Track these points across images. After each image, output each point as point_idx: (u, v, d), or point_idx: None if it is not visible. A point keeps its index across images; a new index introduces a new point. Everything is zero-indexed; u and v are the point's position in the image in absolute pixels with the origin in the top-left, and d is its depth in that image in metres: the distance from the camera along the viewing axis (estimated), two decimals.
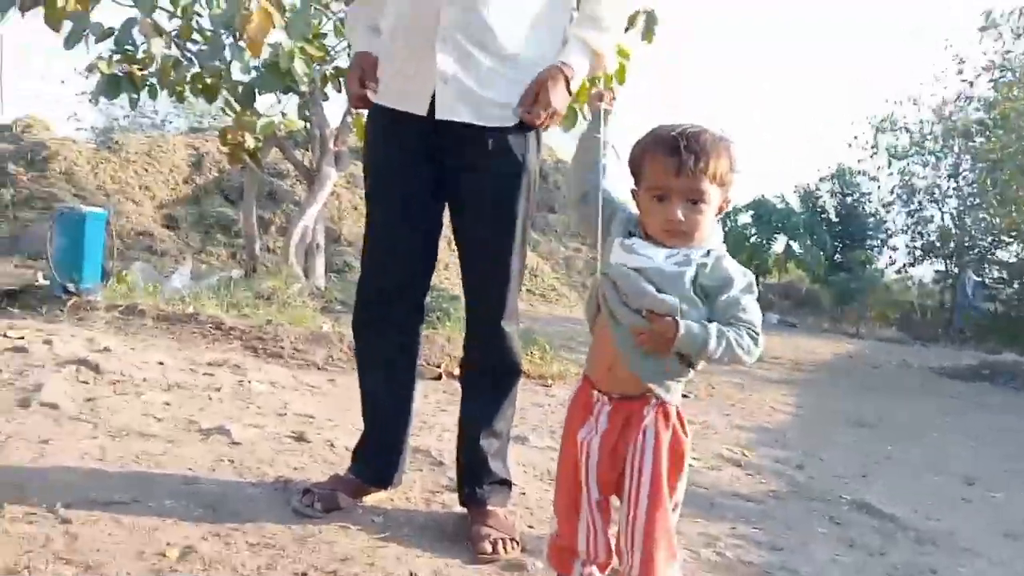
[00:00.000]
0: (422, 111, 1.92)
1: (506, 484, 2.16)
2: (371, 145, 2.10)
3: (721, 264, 1.52)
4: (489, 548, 1.92)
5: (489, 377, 2.13)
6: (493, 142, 1.93)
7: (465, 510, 2.13)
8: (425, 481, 2.46)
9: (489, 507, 2.07)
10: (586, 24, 1.99)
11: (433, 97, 1.91)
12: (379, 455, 2.18)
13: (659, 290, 1.50)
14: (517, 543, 1.99)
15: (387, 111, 2.00)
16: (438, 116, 1.90)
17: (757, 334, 1.49)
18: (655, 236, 1.56)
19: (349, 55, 6.24)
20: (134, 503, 1.96)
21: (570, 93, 1.95)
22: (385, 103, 2.00)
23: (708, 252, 1.54)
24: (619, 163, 1.68)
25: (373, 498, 2.18)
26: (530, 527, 2.19)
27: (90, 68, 6.07)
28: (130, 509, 1.92)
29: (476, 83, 1.90)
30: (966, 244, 17.15)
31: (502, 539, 1.95)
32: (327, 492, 2.06)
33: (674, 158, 1.50)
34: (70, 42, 5.69)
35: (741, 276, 1.52)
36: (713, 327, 1.46)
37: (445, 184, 2.03)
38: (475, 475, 2.11)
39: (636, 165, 1.59)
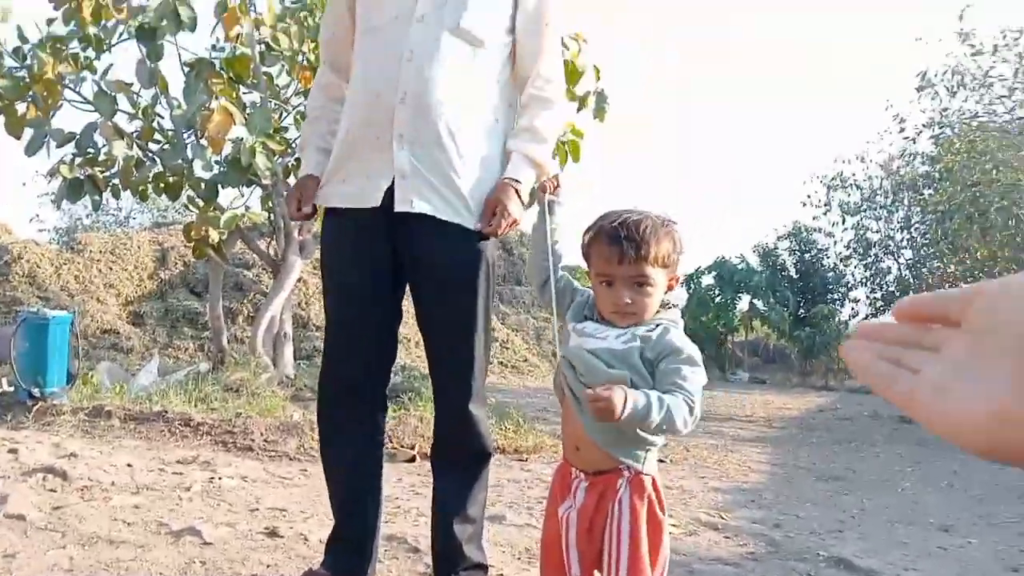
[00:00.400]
0: (375, 202, 1.98)
1: (481, 568, 2.16)
2: (326, 247, 2.17)
3: (665, 336, 1.60)
4: None
5: (459, 461, 2.15)
6: (450, 233, 1.99)
7: None
8: (401, 569, 2.45)
9: None
10: (525, 138, 2.09)
11: (390, 191, 1.98)
12: (350, 549, 2.16)
13: (610, 367, 1.57)
14: None
15: (341, 211, 2.07)
16: (397, 208, 1.97)
17: (693, 403, 1.53)
18: (608, 318, 1.65)
19: None
20: None
21: (523, 203, 2.05)
22: (340, 204, 2.07)
23: (655, 326, 1.62)
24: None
25: None
26: None
27: (52, 172, 6.12)
28: None
29: (433, 177, 1.97)
30: (924, 292, 17.49)
31: None
32: None
33: (616, 247, 1.60)
34: (31, 149, 5.75)
35: (683, 347, 1.58)
36: (654, 394, 1.51)
37: (404, 274, 2.09)
38: (450, 562, 2.11)
39: (585, 253, 1.70)
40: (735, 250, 25.75)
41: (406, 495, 3.50)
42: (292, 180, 6.57)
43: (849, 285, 19.02)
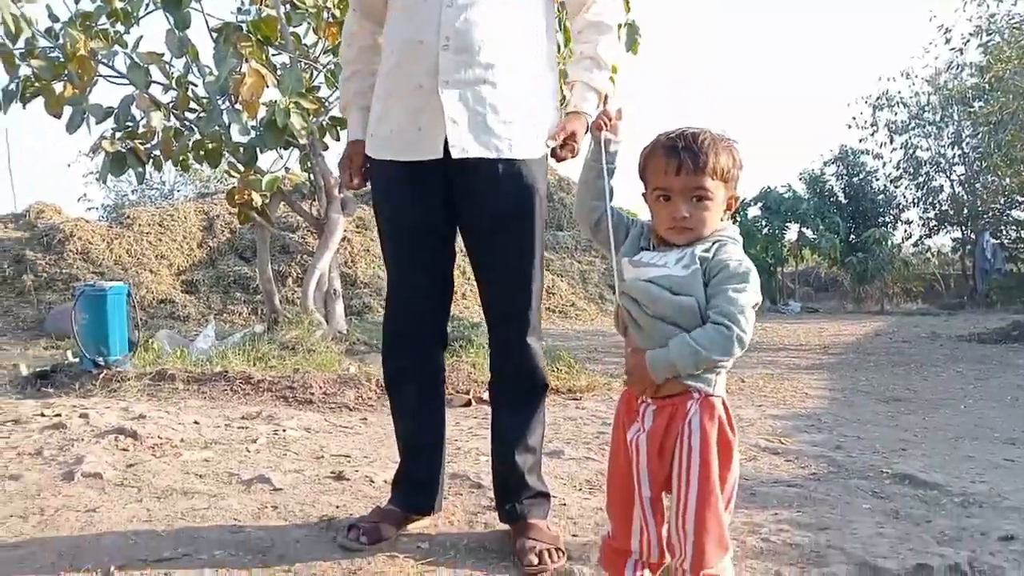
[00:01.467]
0: (437, 155, 1.99)
1: (544, 496, 2.19)
2: (381, 196, 2.16)
3: (720, 254, 1.57)
4: (535, 560, 1.95)
5: (518, 394, 2.17)
6: (504, 169, 2.01)
7: (507, 527, 2.16)
8: (466, 504, 2.49)
9: (530, 520, 2.09)
10: (586, 65, 2.11)
11: (444, 141, 1.98)
12: (418, 485, 2.22)
13: (675, 294, 1.56)
14: (563, 552, 2.01)
15: (394, 164, 2.06)
16: (453, 156, 1.97)
17: (732, 328, 1.51)
18: (665, 236, 1.63)
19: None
20: (184, 557, 2.01)
21: (587, 132, 2.04)
22: (395, 158, 2.06)
23: (712, 244, 1.59)
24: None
25: (417, 525, 2.22)
26: (574, 536, 2.22)
27: (94, 149, 6.22)
28: (181, 564, 1.97)
29: (483, 119, 1.98)
30: (979, 209, 17.03)
31: (547, 549, 1.98)
32: (371, 525, 2.10)
33: (674, 158, 1.58)
34: (72, 126, 5.84)
35: (731, 263, 1.56)
36: (674, 346, 1.54)
37: (458, 215, 2.10)
38: (513, 491, 2.15)
39: (642, 171, 1.68)
40: (781, 179, 25.28)
41: (465, 437, 3.55)
42: (328, 139, 6.59)
43: (901, 207, 18.58)
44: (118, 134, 6.12)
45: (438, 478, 2.25)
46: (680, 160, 1.57)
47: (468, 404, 4.37)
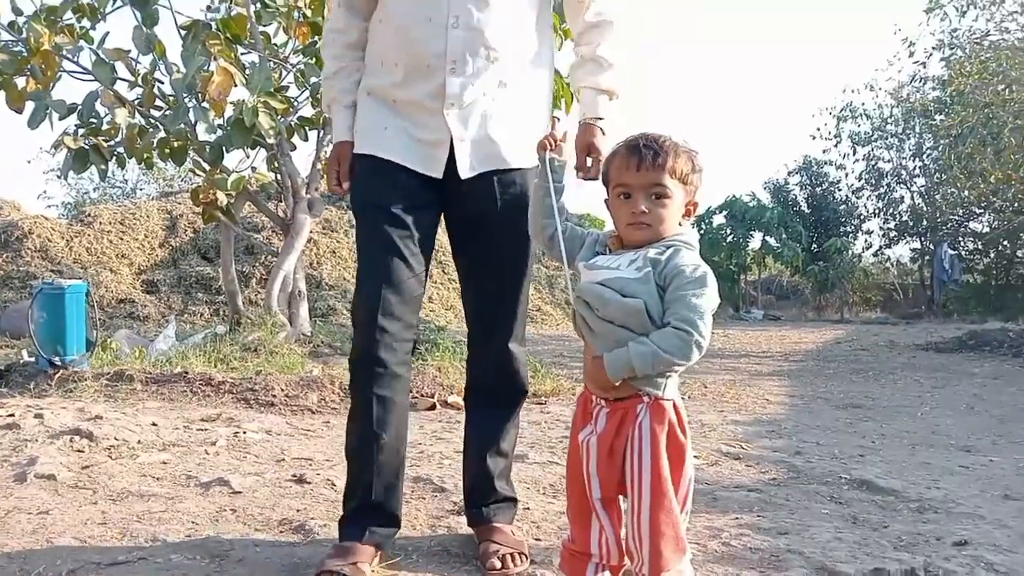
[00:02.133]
0: (437, 174, 1.98)
1: (511, 501, 2.19)
2: (362, 188, 2.05)
3: (674, 258, 1.58)
4: (498, 564, 1.94)
5: (497, 399, 2.15)
6: (500, 178, 2.01)
7: (472, 530, 2.15)
8: (429, 508, 2.48)
9: (495, 524, 2.09)
10: (590, 69, 2.08)
11: (451, 157, 1.97)
12: (380, 512, 1.99)
13: (624, 296, 1.56)
14: (526, 556, 2.01)
15: (389, 162, 1.99)
16: (462, 176, 1.97)
17: (691, 333, 1.51)
18: (624, 235, 1.65)
19: (316, 106, 6.34)
20: (139, 561, 1.97)
21: (604, 134, 2.03)
22: (390, 157, 1.99)
23: (666, 248, 1.60)
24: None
25: None
26: (537, 540, 2.22)
27: (56, 145, 6.10)
28: (136, 568, 1.94)
29: (486, 133, 1.98)
30: (938, 220, 17.38)
31: (510, 553, 1.98)
32: (351, 566, 1.85)
33: (634, 155, 1.62)
34: (34, 121, 5.73)
35: (689, 268, 1.56)
36: (634, 347, 1.53)
37: (448, 219, 2.09)
38: (482, 495, 2.14)
39: (605, 174, 1.70)
40: (746, 187, 25.61)
41: (429, 440, 3.54)
42: (296, 139, 6.54)
43: (862, 217, 18.90)
44: (81, 130, 6.01)
45: (398, 505, 2.06)
46: (640, 156, 1.61)
47: (432, 408, 4.36)
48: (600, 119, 2.05)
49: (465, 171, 1.98)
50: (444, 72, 1.93)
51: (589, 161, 2.00)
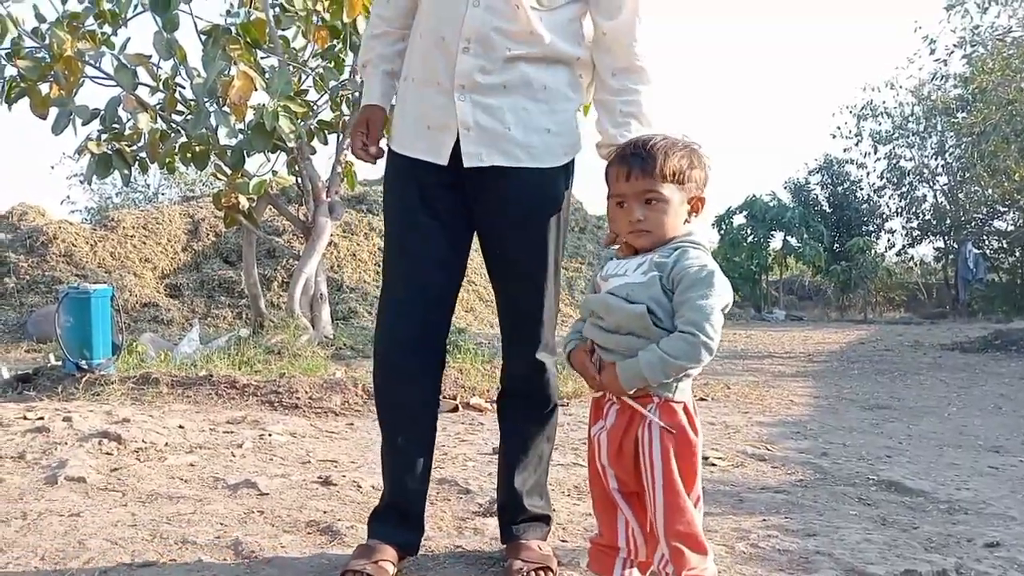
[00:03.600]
0: (443, 160, 1.90)
1: (542, 518, 2.10)
2: (391, 192, 2.03)
3: (681, 260, 1.57)
4: None
5: (523, 411, 2.08)
6: (520, 178, 1.91)
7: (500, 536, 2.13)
8: (455, 509, 2.48)
9: (523, 540, 2.01)
10: (630, 127, 1.89)
11: (457, 145, 1.89)
12: (405, 518, 2.01)
13: (630, 301, 1.57)
14: (553, 572, 1.94)
15: (407, 158, 1.96)
16: (466, 165, 1.88)
17: (695, 334, 1.50)
18: (628, 241, 1.67)
19: (347, 107, 6.37)
20: (170, 563, 1.99)
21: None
22: (405, 152, 1.96)
23: (672, 250, 1.59)
24: None
25: None
26: (563, 541, 2.22)
27: (79, 150, 6.18)
28: (167, 569, 1.95)
29: (499, 126, 1.88)
30: (962, 219, 17.21)
31: (535, 569, 1.91)
32: (373, 567, 1.85)
33: (624, 165, 1.63)
34: (58, 127, 5.80)
35: (695, 271, 1.54)
36: (643, 356, 1.53)
37: (474, 223, 2.00)
38: (511, 511, 2.07)
39: (606, 183, 1.71)
40: (766, 187, 25.50)
41: (452, 443, 3.54)
42: (316, 143, 6.58)
43: (884, 216, 18.74)
44: (104, 136, 6.08)
45: (422, 512, 2.06)
46: (630, 166, 1.61)
47: (455, 410, 4.36)
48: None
49: (471, 159, 1.87)
50: (457, 50, 1.85)
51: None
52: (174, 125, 6.17)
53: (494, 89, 1.87)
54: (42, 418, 3.56)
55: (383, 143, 2.06)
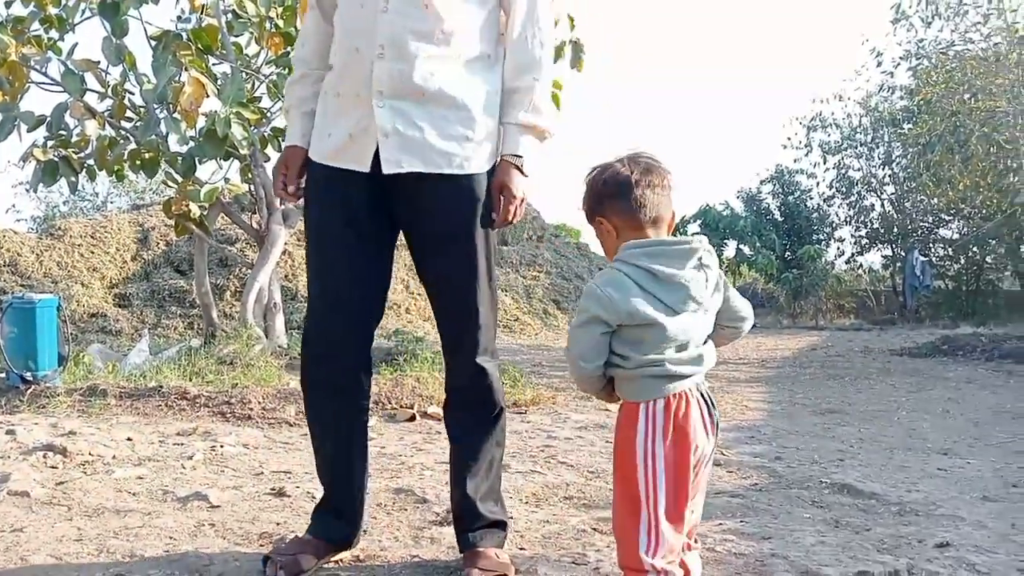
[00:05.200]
0: (365, 168, 1.91)
1: (498, 524, 2.09)
2: (314, 203, 2.04)
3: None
4: None
5: (469, 417, 2.08)
6: (446, 187, 1.92)
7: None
8: (411, 519, 2.46)
9: (479, 548, 2.01)
10: (513, 105, 1.98)
11: (377, 152, 1.89)
12: (339, 515, 2.09)
13: None
14: None
15: (329, 168, 1.97)
16: (385, 171, 1.88)
17: (568, 347, 1.72)
18: None
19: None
20: None
21: (525, 174, 1.95)
22: (327, 162, 1.98)
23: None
24: None
25: (361, 542, 2.17)
26: (521, 549, 2.20)
27: (25, 157, 6.01)
28: None
29: (419, 133, 1.88)
30: (909, 227, 17.61)
31: None
32: (289, 558, 1.95)
33: None
34: (1, 134, 5.64)
35: (583, 292, 1.72)
36: None
37: (399, 232, 2.03)
38: (465, 519, 2.06)
39: None
40: (719, 197, 25.82)
41: (409, 452, 3.51)
42: (270, 150, 6.49)
43: (834, 224, 19.09)
44: (51, 142, 5.93)
45: (360, 508, 2.12)
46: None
47: (412, 419, 4.32)
48: (519, 156, 1.96)
49: (390, 166, 1.88)
50: (373, 57, 1.86)
51: (500, 207, 1.93)
52: (123, 132, 6.04)
53: (412, 96, 1.88)
54: None
55: (303, 181, 2.07)
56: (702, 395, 1.69)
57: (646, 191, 1.68)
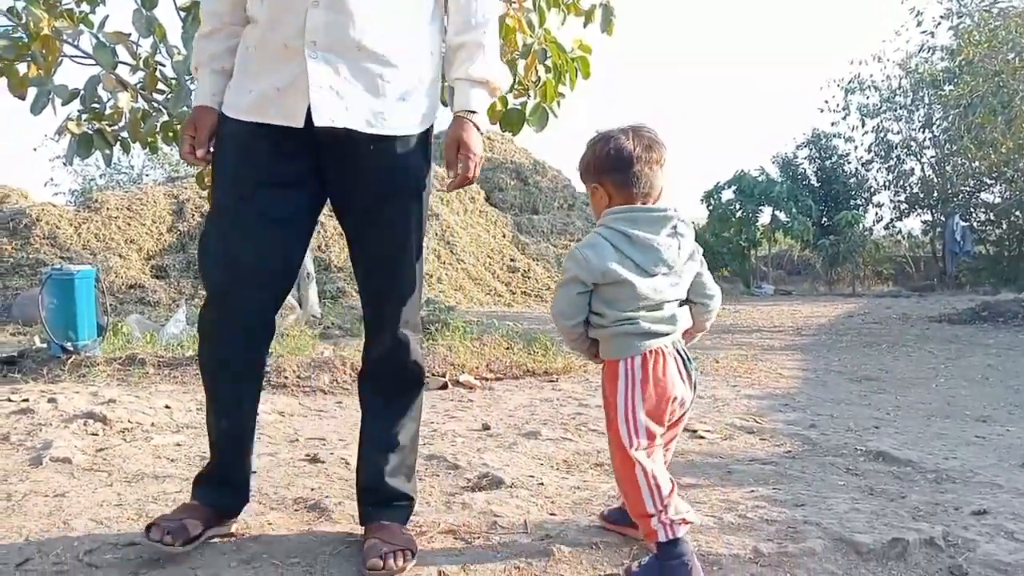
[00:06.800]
0: (297, 123, 1.79)
1: (406, 500, 2.01)
2: (225, 154, 1.89)
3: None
4: (380, 563, 1.76)
5: (386, 389, 1.99)
6: (378, 145, 1.82)
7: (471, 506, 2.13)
8: (443, 485, 2.48)
9: (383, 522, 1.92)
10: (463, 57, 1.92)
11: (309, 107, 1.77)
12: (226, 482, 2.01)
13: None
14: (412, 554, 1.83)
15: (254, 125, 1.83)
16: (317, 124, 1.77)
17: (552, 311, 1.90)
18: None
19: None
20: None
21: (480, 132, 1.89)
22: (251, 118, 1.84)
23: None
24: None
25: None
26: (552, 514, 2.21)
27: (60, 131, 6.08)
28: (151, 547, 1.93)
29: (352, 88, 1.79)
30: (949, 191, 17.23)
31: (396, 551, 1.80)
32: (176, 524, 1.84)
33: None
34: (36, 107, 5.70)
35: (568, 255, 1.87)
36: None
37: (330, 194, 1.93)
38: (372, 492, 1.98)
39: None
40: (754, 162, 25.44)
41: (441, 419, 3.53)
42: None
43: (872, 190, 18.75)
44: (84, 116, 5.98)
45: (246, 478, 2.05)
46: None
47: (444, 387, 4.36)
48: (473, 112, 1.89)
49: (322, 119, 1.76)
50: (307, 5, 1.74)
51: (459, 166, 1.86)
52: (155, 104, 6.07)
53: (347, 50, 1.78)
54: (27, 400, 3.53)
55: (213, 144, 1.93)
56: (678, 351, 1.85)
57: (644, 167, 1.81)
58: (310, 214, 1.95)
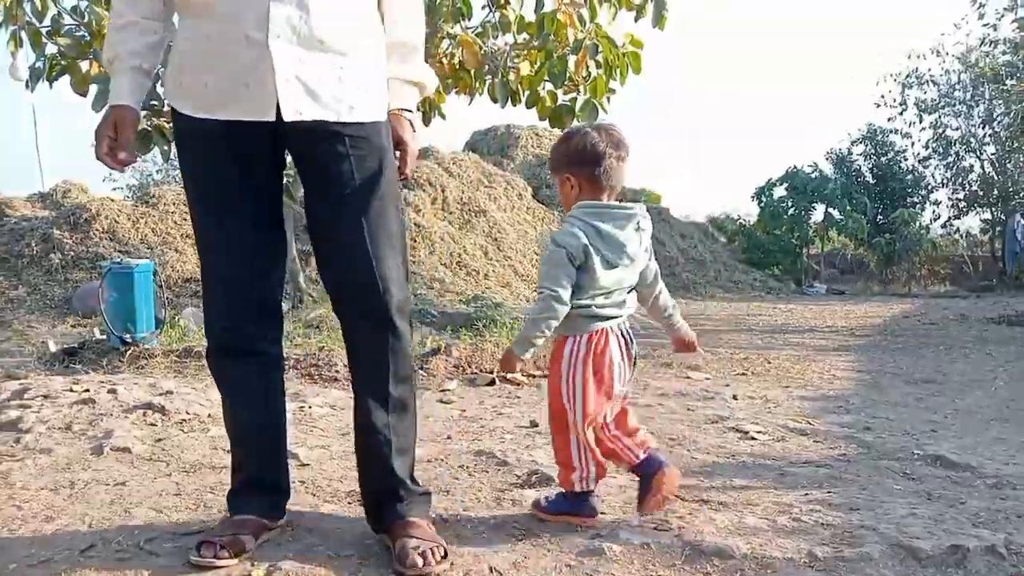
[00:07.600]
0: (268, 117, 1.77)
1: (426, 495, 2.00)
2: (194, 158, 1.90)
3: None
4: (420, 560, 1.75)
5: (379, 387, 1.93)
6: (346, 133, 1.82)
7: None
8: (493, 481, 2.49)
9: (410, 519, 1.89)
10: (394, 60, 1.95)
11: (277, 101, 1.76)
12: (263, 488, 2.00)
13: None
14: (445, 550, 1.82)
15: (213, 123, 1.81)
16: (286, 119, 1.77)
17: (540, 290, 2.03)
18: None
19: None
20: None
21: (414, 129, 1.99)
22: (216, 116, 1.80)
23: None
24: None
25: (443, 504, 2.21)
26: (603, 514, 2.20)
27: None
28: None
29: (319, 78, 1.79)
30: (1010, 189, 16.75)
31: (431, 548, 1.79)
32: (230, 538, 1.84)
33: None
34: (98, 105, 5.85)
35: (548, 242, 2.04)
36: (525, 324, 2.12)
37: (299, 185, 1.96)
38: (390, 493, 1.93)
39: None
40: (807, 158, 25.01)
41: (489, 415, 3.55)
42: None
43: (929, 187, 18.33)
44: (143, 112, 6.13)
45: (285, 476, 2.05)
46: None
47: (492, 383, 4.37)
48: (408, 111, 1.97)
49: (291, 113, 1.76)
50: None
51: (405, 164, 1.95)
52: None
53: (310, 43, 1.77)
54: (88, 390, 3.63)
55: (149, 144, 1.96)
56: (623, 332, 2.10)
57: (613, 163, 2.04)
58: (275, 201, 1.96)
